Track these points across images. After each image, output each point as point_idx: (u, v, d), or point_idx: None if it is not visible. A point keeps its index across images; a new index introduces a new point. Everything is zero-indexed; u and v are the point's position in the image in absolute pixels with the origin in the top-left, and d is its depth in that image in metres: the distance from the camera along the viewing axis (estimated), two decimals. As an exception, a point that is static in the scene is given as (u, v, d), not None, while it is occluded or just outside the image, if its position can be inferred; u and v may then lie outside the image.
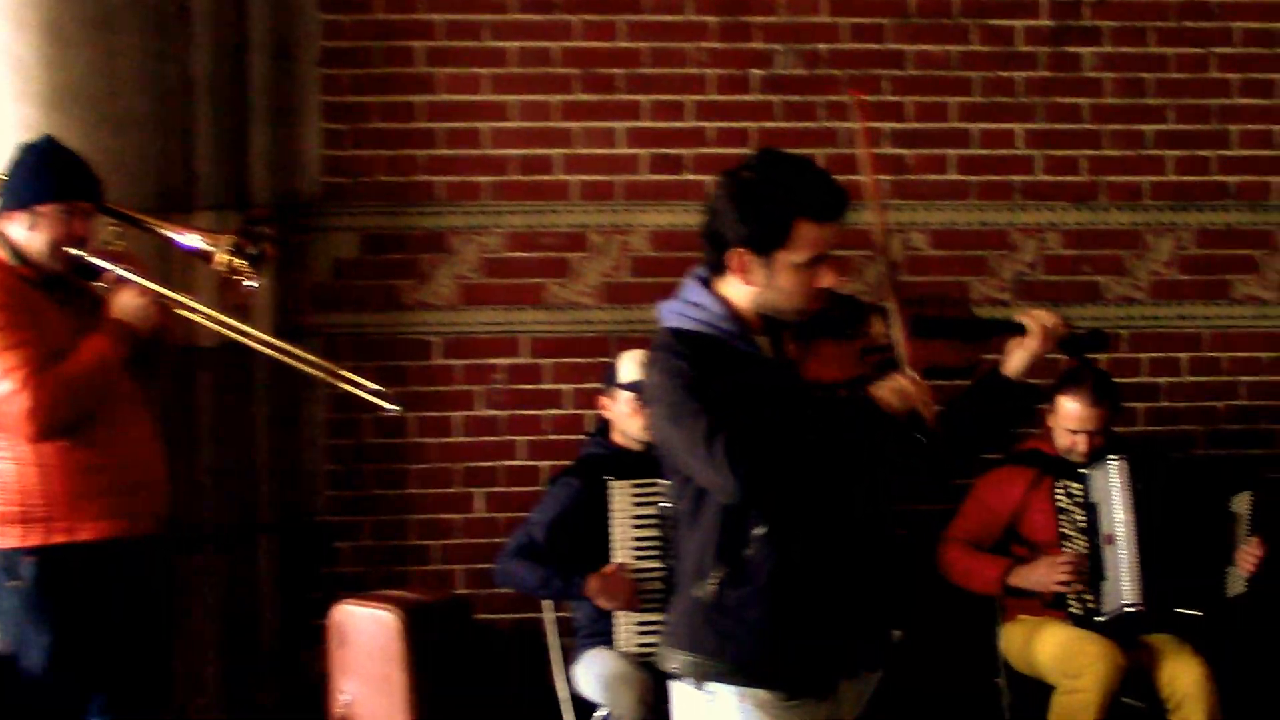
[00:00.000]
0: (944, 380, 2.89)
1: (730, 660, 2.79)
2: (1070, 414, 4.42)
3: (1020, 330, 2.90)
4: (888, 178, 5.08)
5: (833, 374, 2.83)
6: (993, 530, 4.52)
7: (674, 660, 2.86)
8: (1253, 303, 5.29)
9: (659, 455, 2.91)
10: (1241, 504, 4.32)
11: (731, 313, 2.81)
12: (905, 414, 2.73)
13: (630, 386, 4.34)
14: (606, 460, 4.41)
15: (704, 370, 2.74)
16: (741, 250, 2.77)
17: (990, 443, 3.04)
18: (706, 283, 2.85)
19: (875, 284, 3.50)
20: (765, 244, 2.74)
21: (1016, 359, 2.90)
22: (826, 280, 2.78)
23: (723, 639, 2.79)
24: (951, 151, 5.18)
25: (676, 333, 2.81)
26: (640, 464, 4.27)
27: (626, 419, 4.40)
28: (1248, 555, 4.26)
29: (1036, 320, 2.89)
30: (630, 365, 4.38)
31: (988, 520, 4.53)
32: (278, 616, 4.91)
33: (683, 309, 2.84)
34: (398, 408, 3.97)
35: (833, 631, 2.80)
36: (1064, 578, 4.31)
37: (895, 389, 2.74)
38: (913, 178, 5.16)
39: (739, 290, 2.82)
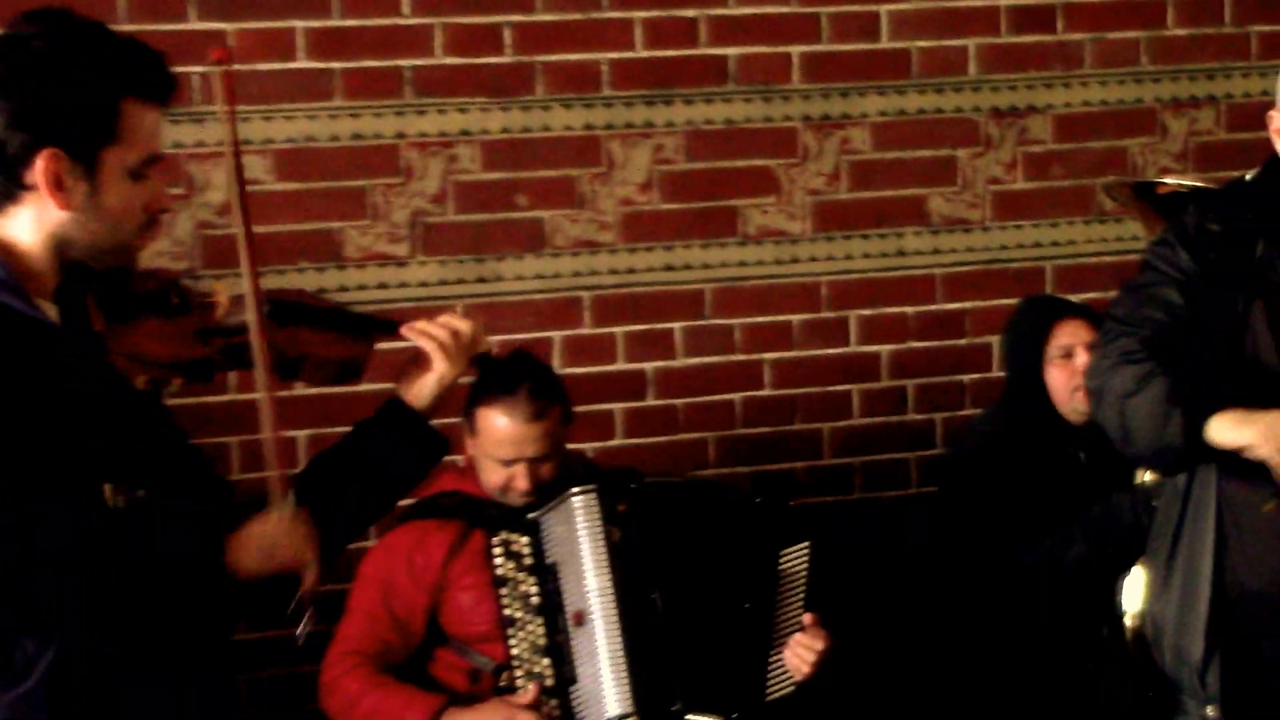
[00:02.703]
0: (328, 384, 3.09)
1: None
2: (499, 435, 4.19)
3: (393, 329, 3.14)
4: (198, 69, 4.59)
5: (158, 349, 2.88)
6: (407, 629, 4.26)
7: None
8: (775, 239, 5.19)
9: None
10: (795, 560, 4.20)
11: (6, 258, 2.72)
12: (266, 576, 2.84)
13: None
14: None
15: None
16: (54, 153, 2.67)
17: (383, 508, 3.16)
18: None
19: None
20: (86, 140, 2.68)
21: (425, 385, 3.08)
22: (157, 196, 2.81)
23: None
24: (300, 24, 4.84)
25: None
26: None
27: None
28: (802, 650, 4.13)
29: (436, 338, 3.08)
30: None
31: (396, 615, 4.26)
32: None
33: None
34: None
35: None
36: None
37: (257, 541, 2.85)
38: (241, 68, 4.74)
39: (31, 224, 2.72)
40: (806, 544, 4.21)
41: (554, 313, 4.94)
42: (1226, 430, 3.27)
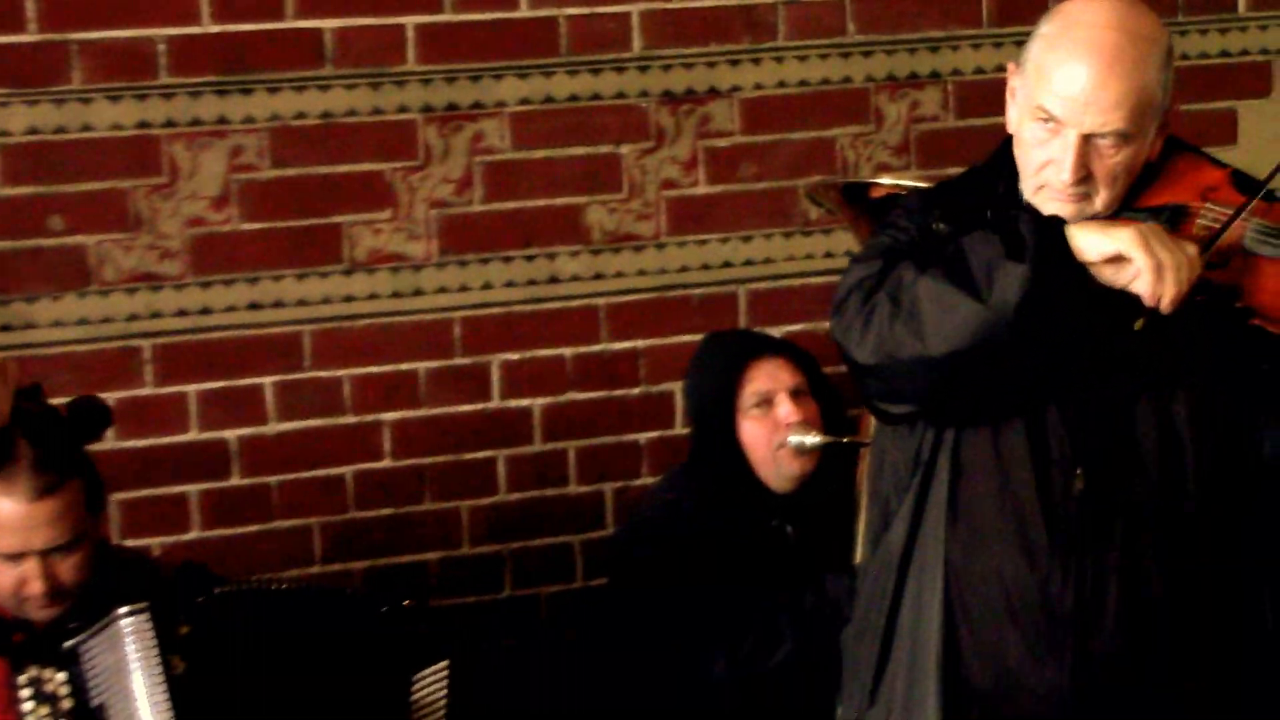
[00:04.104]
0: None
1: None
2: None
3: None
4: None
5: None
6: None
7: None
8: (392, 265, 5.05)
9: None
10: (432, 687, 4.16)
11: None
12: None
13: None
14: None
15: None
16: None
17: None
18: None
19: None
20: None
21: None
22: None
23: None
24: None
25: None
26: None
27: None
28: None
29: None
30: None
31: None
32: None
33: None
34: None
35: None
36: None
37: None
38: None
39: None
40: (445, 664, 4.12)
41: (104, 368, 4.71)
42: (1094, 236, 3.09)
